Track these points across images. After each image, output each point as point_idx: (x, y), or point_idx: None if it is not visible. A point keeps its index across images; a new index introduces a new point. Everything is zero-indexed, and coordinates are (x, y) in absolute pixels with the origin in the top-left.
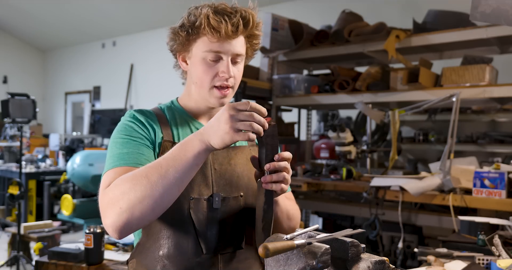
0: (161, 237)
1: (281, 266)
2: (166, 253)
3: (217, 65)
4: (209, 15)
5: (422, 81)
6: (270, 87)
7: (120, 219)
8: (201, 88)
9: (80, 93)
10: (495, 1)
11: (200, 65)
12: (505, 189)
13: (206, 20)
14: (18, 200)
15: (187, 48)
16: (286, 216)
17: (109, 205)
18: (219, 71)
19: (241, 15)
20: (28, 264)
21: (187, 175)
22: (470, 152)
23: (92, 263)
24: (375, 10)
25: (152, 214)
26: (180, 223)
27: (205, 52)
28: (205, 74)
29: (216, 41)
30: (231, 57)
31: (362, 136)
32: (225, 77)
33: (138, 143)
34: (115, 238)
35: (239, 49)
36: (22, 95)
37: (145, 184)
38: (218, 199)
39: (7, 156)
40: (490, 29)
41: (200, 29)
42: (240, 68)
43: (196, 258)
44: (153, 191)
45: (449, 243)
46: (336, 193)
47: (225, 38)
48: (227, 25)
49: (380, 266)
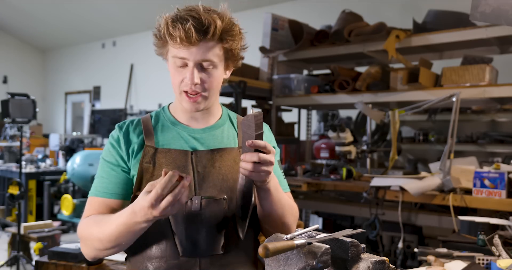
0: (144, 238)
1: (281, 266)
2: (148, 254)
3: (184, 70)
4: (168, 22)
5: (422, 81)
6: (270, 87)
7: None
8: (175, 93)
9: (80, 93)
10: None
11: (171, 69)
12: (505, 189)
13: (165, 27)
14: (18, 200)
15: (163, 53)
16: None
17: (81, 238)
18: (184, 76)
19: (197, 21)
20: (28, 264)
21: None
22: (470, 152)
23: (92, 263)
24: (375, 10)
25: (117, 252)
26: (160, 225)
27: (172, 58)
28: (174, 78)
29: (179, 48)
30: (199, 64)
31: (362, 136)
32: (189, 84)
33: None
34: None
35: (205, 55)
36: (22, 95)
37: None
38: (197, 202)
39: (7, 156)
40: (490, 29)
41: (163, 35)
42: (214, 74)
43: (174, 260)
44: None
45: (449, 243)
46: (336, 193)
47: (187, 44)
48: (180, 32)
49: (380, 266)
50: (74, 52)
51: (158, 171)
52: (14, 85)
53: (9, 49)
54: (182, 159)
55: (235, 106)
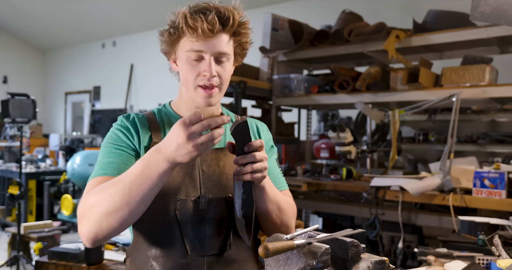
0: (149, 237)
1: (281, 266)
2: (154, 253)
3: (199, 64)
4: (186, 14)
5: (422, 81)
6: (270, 87)
7: (90, 231)
8: (187, 88)
9: (80, 93)
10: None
11: (184, 65)
12: (505, 189)
13: (183, 19)
14: (18, 200)
15: (173, 49)
16: (276, 206)
17: (81, 216)
18: (201, 70)
19: (218, 12)
20: (28, 264)
21: (151, 193)
22: (470, 152)
23: (92, 263)
24: (375, 10)
25: (120, 228)
26: (166, 224)
27: (187, 51)
28: (189, 73)
29: (196, 40)
30: (214, 56)
31: (362, 136)
32: (207, 76)
33: (121, 151)
34: (88, 246)
35: (222, 47)
36: (22, 95)
37: (109, 201)
38: (204, 201)
39: (7, 156)
40: (490, 29)
41: (179, 29)
42: (227, 67)
43: (182, 259)
44: (117, 208)
45: (449, 243)
46: (336, 193)
47: (205, 36)
48: (203, 23)
49: (380, 266)
50: (74, 52)
51: None
52: (14, 85)
53: (9, 49)
54: None
55: (235, 106)
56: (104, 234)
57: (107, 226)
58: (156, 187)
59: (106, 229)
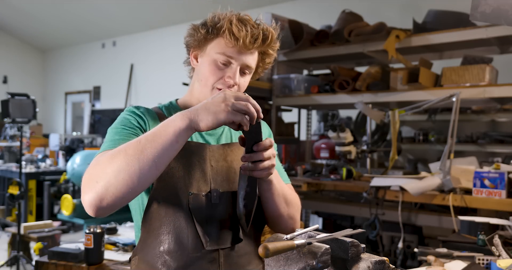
0: (161, 233)
1: (281, 266)
2: (167, 248)
3: (225, 69)
4: (232, 21)
5: (422, 81)
6: (270, 87)
7: (96, 195)
8: (204, 87)
9: (80, 93)
10: (495, 1)
11: (210, 65)
12: (505, 189)
13: (228, 25)
14: (18, 200)
15: (202, 46)
16: (283, 199)
17: (87, 181)
18: (225, 75)
19: (262, 29)
20: (28, 264)
21: (165, 153)
22: (470, 152)
23: (92, 263)
24: (375, 10)
25: (127, 192)
26: (180, 219)
27: (217, 54)
28: (212, 74)
29: (232, 47)
30: (241, 67)
31: (362, 136)
32: (230, 83)
33: (131, 132)
34: (91, 215)
35: (250, 61)
36: (22, 95)
37: (121, 158)
38: (216, 195)
39: (7, 156)
40: (490, 29)
41: (220, 31)
42: (247, 80)
43: (197, 253)
44: (128, 165)
45: (449, 243)
46: (336, 193)
47: (241, 47)
48: (247, 35)
49: (380, 266)
50: (74, 52)
51: (175, 163)
52: (14, 85)
53: (9, 49)
54: (200, 152)
55: None
56: (109, 201)
57: (113, 188)
58: (171, 147)
59: (112, 192)
